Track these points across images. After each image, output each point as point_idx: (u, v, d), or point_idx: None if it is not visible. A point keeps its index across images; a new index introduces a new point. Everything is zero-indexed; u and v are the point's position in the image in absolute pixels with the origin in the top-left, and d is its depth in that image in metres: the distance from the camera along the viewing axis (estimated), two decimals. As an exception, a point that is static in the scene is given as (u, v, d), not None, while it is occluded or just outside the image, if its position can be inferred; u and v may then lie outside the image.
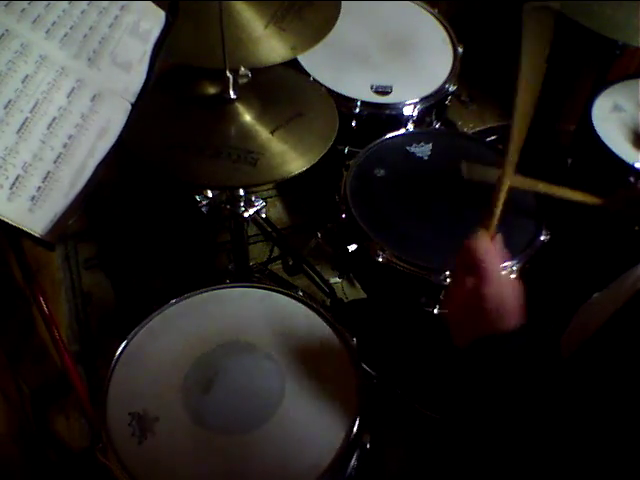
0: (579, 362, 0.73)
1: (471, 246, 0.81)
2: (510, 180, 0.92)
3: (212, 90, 1.25)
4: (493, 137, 2.15)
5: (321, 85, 1.54)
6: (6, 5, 0.84)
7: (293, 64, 1.55)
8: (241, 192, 1.39)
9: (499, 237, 0.85)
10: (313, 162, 1.16)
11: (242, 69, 1.22)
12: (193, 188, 1.52)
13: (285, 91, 1.31)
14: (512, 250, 1.26)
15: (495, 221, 0.86)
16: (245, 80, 1.23)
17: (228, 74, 1.16)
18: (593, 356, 0.71)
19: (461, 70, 1.64)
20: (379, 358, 1.34)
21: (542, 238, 1.28)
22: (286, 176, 1.14)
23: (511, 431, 0.72)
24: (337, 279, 1.92)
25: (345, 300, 1.85)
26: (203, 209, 1.52)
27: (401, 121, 1.55)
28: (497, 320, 0.77)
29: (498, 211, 0.88)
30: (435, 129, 1.64)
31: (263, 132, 1.18)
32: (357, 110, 1.52)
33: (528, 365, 0.73)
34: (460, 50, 1.67)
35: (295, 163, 1.15)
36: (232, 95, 1.20)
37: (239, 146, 1.14)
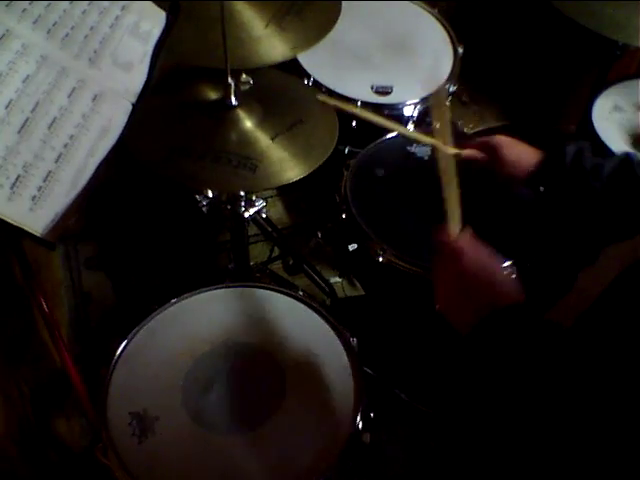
0: (582, 331, 0.71)
1: (440, 231, 0.85)
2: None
3: (213, 96, 1.25)
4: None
5: (321, 86, 1.54)
6: (7, 5, 0.84)
7: (294, 65, 1.56)
8: (241, 192, 1.39)
9: (468, 227, 0.85)
10: (312, 169, 1.16)
11: (244, 76, 1.23)
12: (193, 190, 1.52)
13: (286, 98, 1.31)
14: (513, 250, 1.26)
15: (457, 210, 0.87)
16: (247, 87, 1.24)
17: (230, 80, 1.16)
18: (597, 324, 0.70)
19: (461, 70, 1.64)
20: (376, 355, 1.34)
21: (541, 237, 1.28)
22: (285, 183, 1.14)
23: (518, 417, 0.70)
24: (337, 279, 1.92)
25: (345, 300, 1.85)
26: (203, 209, 1.52)
27: (401, 121, 1.55)
28: (489, 290, 0.76)
29: (454, 201, 0.88)
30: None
31: (263, 139, 1.18)
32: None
33: (532, 341, 0.71)
34: (460, 50, 1.67)
35: (294, 170, 1.15)
36: (233, 101, 1.20)
37: (239, 152, 1.14)
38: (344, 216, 1.34)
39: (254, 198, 1.44)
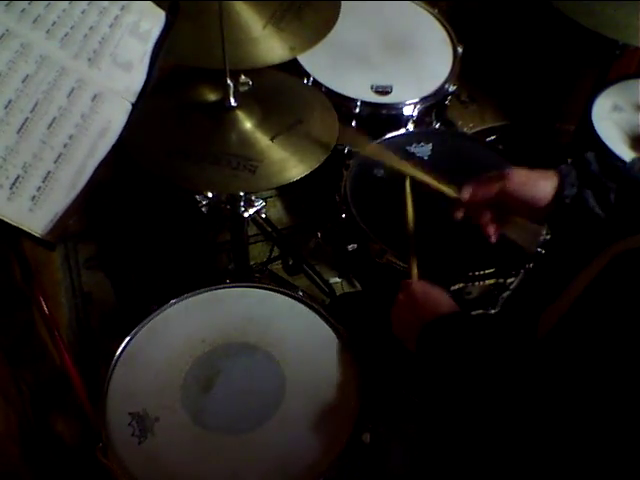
0: (557, 338, 0.76)
1: (403, 282, 1.04)
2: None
3: (213, 97, 1.25)
4: (493, 137, 2.15)
5: (321, 85, 1.54)
6: (6, 5, 0.84)
7: (293, 65, 1.56)
8: (241, 193, 1.39)
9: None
10: (311, 169, 1.16)
11: (242, 77, 1.23)
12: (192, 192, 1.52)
13: (285, 98, 1.31)
14: (513, 249, 1.26)
15: (415, 269, 1.09)
16: (246, 88, 1.24)
17: (229, 82, 1.16)
18: (570, 331, 0.73)
19: (461, 70, 1.64)
20: (376, 354, 1.34)
21: (542, 238, 1.28)
22: (284, 183, 1.14)
23: (490, 414, 0.76)
24: (337, 279, 1.92)
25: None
26: (203, 209, 1.52)
27: (401, 121, 1.55)
28: (432, 308, 0.94)
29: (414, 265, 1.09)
30: (435, 129, 1.64)
31: (263, 139, 1.18)
32: (357, 110, 1.52)
33: (485, 343, 0.83)
34: (460, 50, 1.67)
35: (294, 170, 1.15)
36: (233, 102, 1.20)
37: (239, 153, 1.14)
38: (344, 216, 1.34)
39: (253, 198, 1.44)
